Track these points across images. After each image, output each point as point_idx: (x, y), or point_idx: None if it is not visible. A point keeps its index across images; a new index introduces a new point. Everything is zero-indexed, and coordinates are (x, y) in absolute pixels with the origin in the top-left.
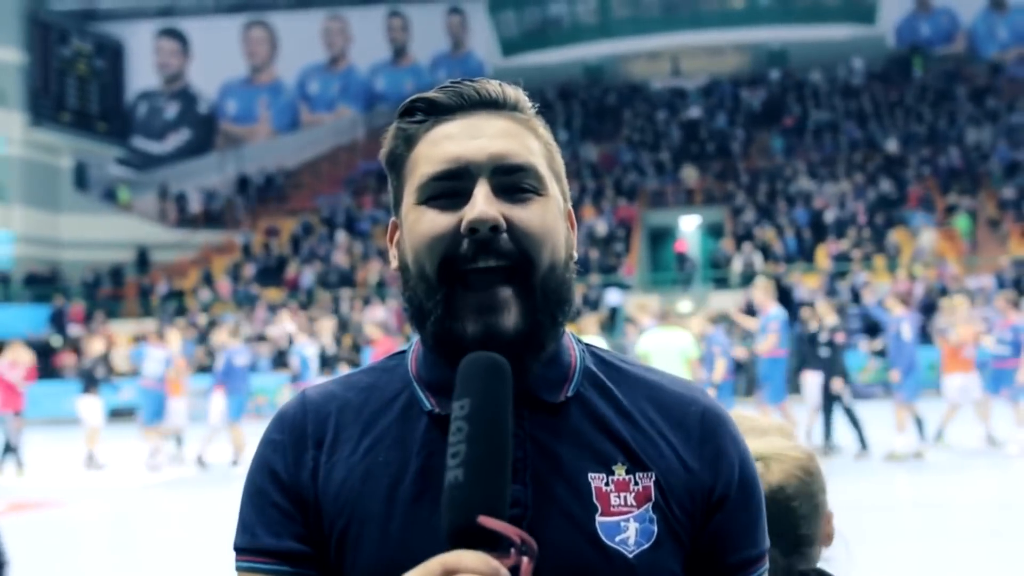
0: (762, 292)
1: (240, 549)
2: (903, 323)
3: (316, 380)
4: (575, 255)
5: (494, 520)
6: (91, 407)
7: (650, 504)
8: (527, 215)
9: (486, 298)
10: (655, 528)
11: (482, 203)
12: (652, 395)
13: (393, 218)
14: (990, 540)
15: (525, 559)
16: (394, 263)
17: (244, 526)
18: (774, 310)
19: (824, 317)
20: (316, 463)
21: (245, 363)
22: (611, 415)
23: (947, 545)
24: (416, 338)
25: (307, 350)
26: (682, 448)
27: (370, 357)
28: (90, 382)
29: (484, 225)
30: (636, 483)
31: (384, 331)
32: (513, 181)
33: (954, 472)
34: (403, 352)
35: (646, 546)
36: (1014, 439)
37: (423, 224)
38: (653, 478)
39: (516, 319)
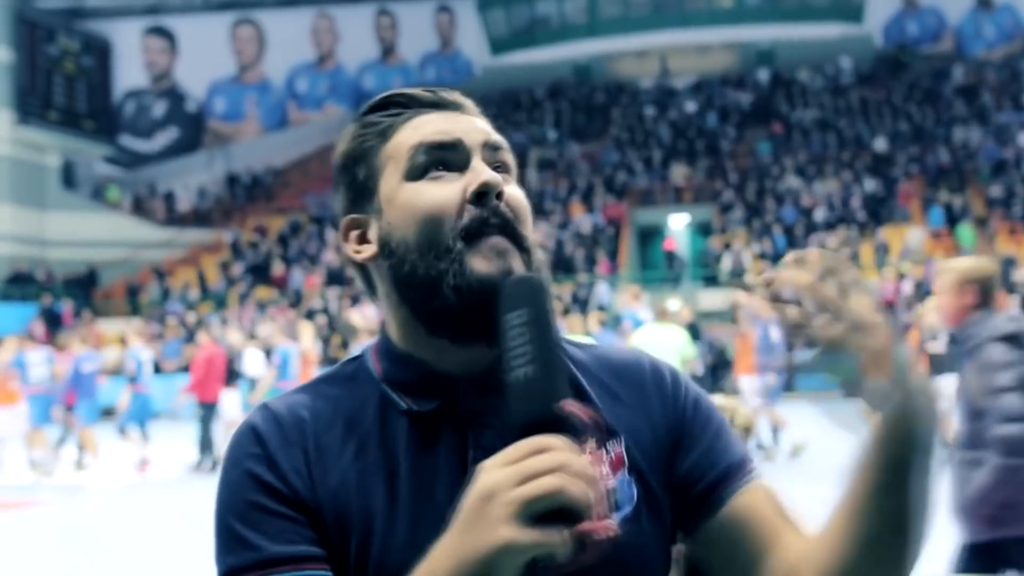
0: (628, 295)
1: (242, 568)
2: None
3: (148, 382)
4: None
5: (574, 404)
6: (232, 401)
7: (625, 468)
8: (515, 191)
9: (500, 243)
10: (634, 491)
11: (487, 169)
12: (604, 364)
13: (350, 216)
14: None
15: (594, 444)
16: (367, 252)
17: (240, 543)
18: (633, 312)
19: None
20: (308, 469)
21: (93, 369)
22: (573, 394)
23: None
24: (371, 343)
25: (142, 354)
26: (642, 403)
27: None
28: (230, 376)
29: (493, 189)
30: (608, 452)
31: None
32: (498, 159)
33: None
34: (356, 358)
35: (629, 509)
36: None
37: (425, 197)
38: (623, 442)
39: (522, 267)
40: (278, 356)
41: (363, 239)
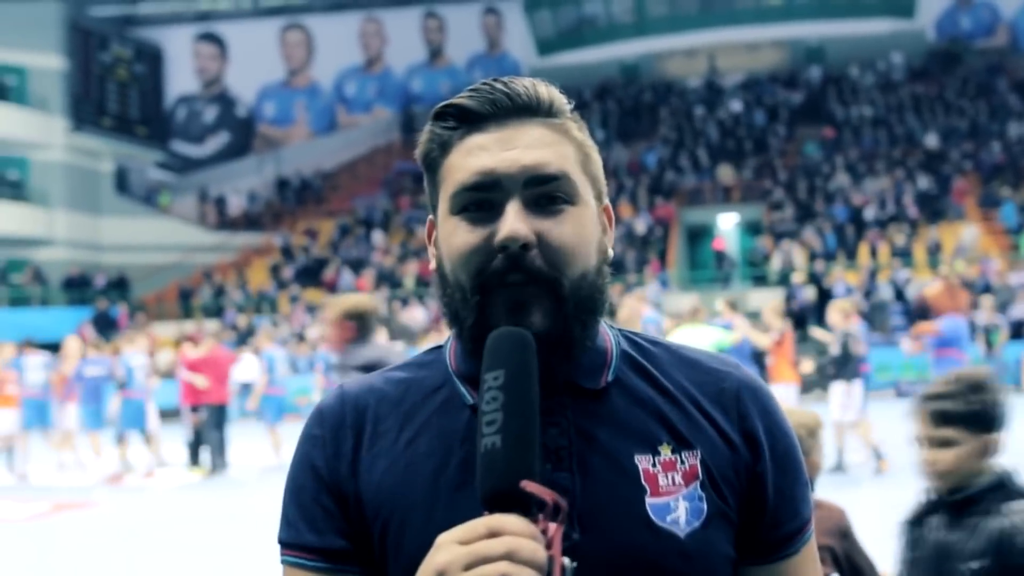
0: (634, 299)
1: (285, 543)
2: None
3: (141, 388)
4: (611, 254)
5: (535, 484)
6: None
7: (698, 482)
8: (559, 230)
9: (518, 296)
10: (704, 506)
11: (513, 220)
12: (689, 373)
13: (431, 217)
14: None
15: (553, 524)
16: (432, 263)
17: (288, 521)
18: (645, 316)
19: None
20: (356, 454)
21: (96, 374)
22: (652, 396)
23: None
24: (453, 333)
25: (133, 360)
26: (723, 424)
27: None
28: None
29: (515, 243)
30: (683, 462)
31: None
32: (545, 192)
33: None
34: (440, 347)
35: (697, 524)
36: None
37: (457, 238)
38: (699, 456)
39: (545, 320)
40: (265, 361)
41: (436, 244)
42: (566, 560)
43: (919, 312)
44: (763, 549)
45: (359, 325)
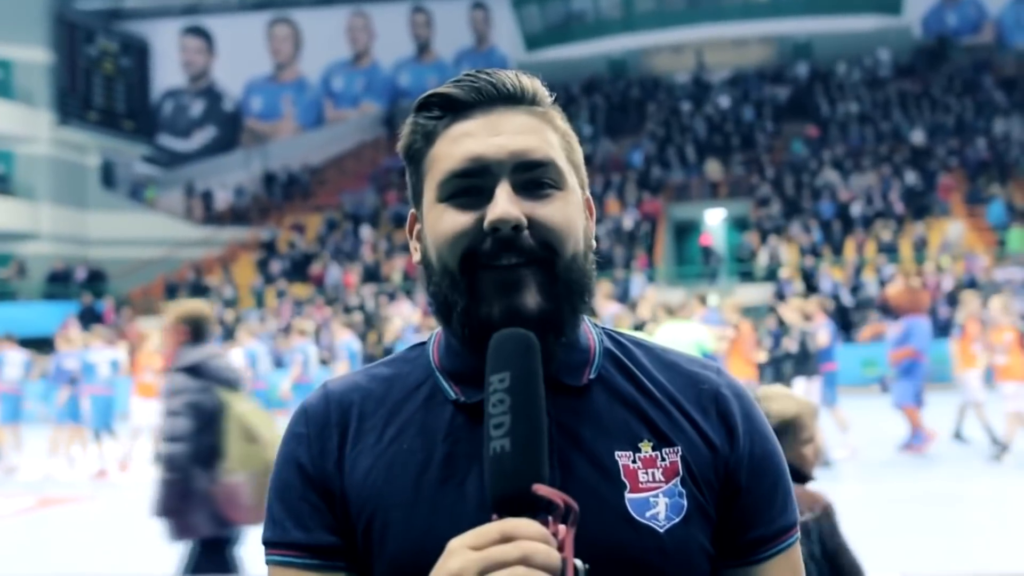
0: (600, 295)
1: (270, 543)
2: None
3: (106, 385)
4: (594, 244)
5: (546, 487)
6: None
7: (678, 479)
8: (548, 212)
9: (509, 276)
10: (685, 502)
11: (504, 202)
12: (669, 375)
13: (412, 210)
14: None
15: (563, 527)
16: (416, 256)
17: (273, 520)
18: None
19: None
20: (341, 452)
21: (72, 367)
22: (634, 394)
23: (955, 539)
24: (437, 329)
25: (95, 356)
26: (703, 424)
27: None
28: None
29: (506, 224)
30: (663, 459)
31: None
32: (533, 177)
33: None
34: (423, 344)
35: (676, 520)
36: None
37: (445, 222)
38: (679, 453)
39: (539, 298)
40: (247, 357)
41: (419, 237)
42: (578, 562)
43: (882, 310)
44: (736, 550)
45: (191, 329)
